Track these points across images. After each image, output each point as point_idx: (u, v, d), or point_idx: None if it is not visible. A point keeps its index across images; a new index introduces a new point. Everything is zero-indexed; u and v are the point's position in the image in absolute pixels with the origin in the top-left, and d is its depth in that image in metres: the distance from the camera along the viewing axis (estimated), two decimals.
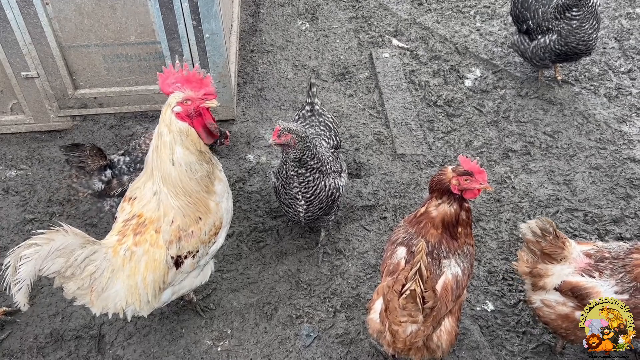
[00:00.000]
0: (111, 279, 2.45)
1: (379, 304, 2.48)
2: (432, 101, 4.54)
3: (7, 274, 2.21)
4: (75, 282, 2.39)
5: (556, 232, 2.61)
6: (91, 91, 4.07)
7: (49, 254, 2.24)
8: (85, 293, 2.44)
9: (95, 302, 2.47)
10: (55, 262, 2.28)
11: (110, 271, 2.45)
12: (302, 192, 3.06)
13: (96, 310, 2.50)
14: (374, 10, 5.48)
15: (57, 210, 3.69)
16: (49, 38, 3.72)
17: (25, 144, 4.13)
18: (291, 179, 3.02)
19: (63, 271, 2.33)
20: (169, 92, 2.51)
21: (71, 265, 2.33)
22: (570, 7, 4.04)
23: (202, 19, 3.74)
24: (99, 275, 2.42)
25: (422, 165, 4.04)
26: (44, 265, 2.25)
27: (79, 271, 2.36)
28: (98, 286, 2.44)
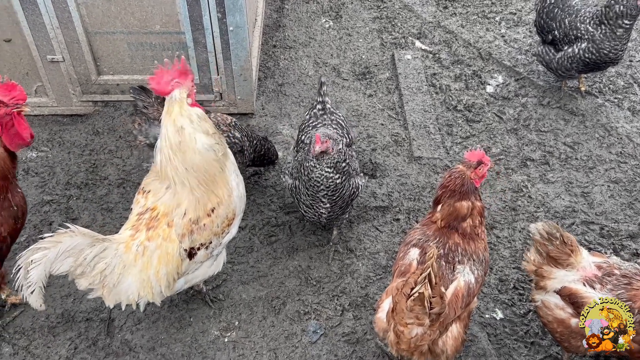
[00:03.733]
0: (122, 274, 2.48)
1: (387, 303, 2.48)
2: (452, 105, 4.52)
3: (19, 276, 2.27)
4: (86, 279, 2.43)
5: (563, 238, 2.62)
6: (114, 78, 4.12)
7: (57, 256, 2.28)
8: (97, 288, 2.48)
9: (107, 296, 2.51)
10: (65, 262, 2.33)
11: (122, 267, 2.48)
12: (329, 195, 3.07)
13: (109, 302, 2.54)
14: (399, 12, 5.45)
15: (75, 194, 3.75)
16: (76, 23, 3.77)
17: (47, 126, 4.20)
18: (317, 182, 3.02)
19: (72, 270, 2.37)
20: (168, 91, 2.49)
21: (80, 264, 2.37)
22: (624, 16, 3.95)
23: (227, 11, 3.76)
24: (110, 272, 2.45)
25: (439, 169, 4.02)
26: (54, 267, 2.30)
27: (89, 269, 2.40)
28: (109, 282, 2.47)
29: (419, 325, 2.26)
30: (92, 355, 2.97)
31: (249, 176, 3.91)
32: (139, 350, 3.00)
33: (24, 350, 2.98)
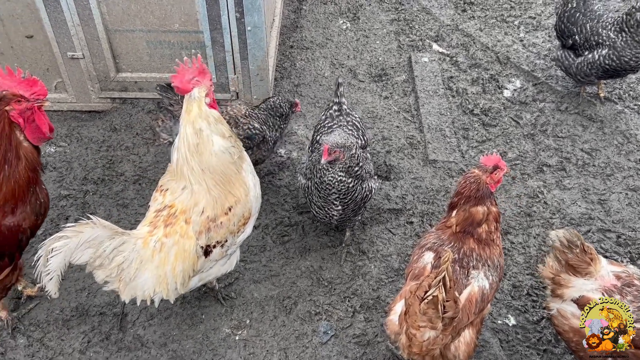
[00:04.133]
0: (139, 269, 2.51)
1: (400, 306, 2.47)
2: (469, 109, 4.49)
3: (39, 264, 2.30)
4: (103, 271, 2.46)
5: (584, 247, 2.58)
6: (132, 75, 4.16)
7: (78, 246, 2.31)
8: (113, 281, 2.51)
9: (123, 290, 2.53)
10: (85, 253, 2.36)
11: (139, 262, 2.50)
12: (340, 198, 3.07)
13: (125, 297, 2.56)
14: (417, 14, 5.44)
15: (91, 189, 3.79)
16: (96, 20, 3.82)
17: (65, 122, 4.25)
18: (329, 185, 3.02)
19: (92, 261, 2.40)
20: (189, 89, 2.54)
21: (99, 255, 2.39)
22: None
23: (245, 11, 3.78)
24: (127, 266, 2.48)
25: (454, 173, 4.00)
26: (74, 257, 2.33)
27: (107, 261, 2.43)
28: (126, 276, 2.50)
29: (431, 329, 2.25)
30: (104, 349, 3.00)
31: (263, 176, 3.92)
32: (150, 346, 3.02)
33: (38, 343, 3.02)
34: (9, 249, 2.65)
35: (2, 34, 3.87)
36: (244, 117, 3.43)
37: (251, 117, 3.47)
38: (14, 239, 2.62)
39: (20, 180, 2.54)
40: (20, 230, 2.62)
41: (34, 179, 2.62)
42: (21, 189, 2.55)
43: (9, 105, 2.45)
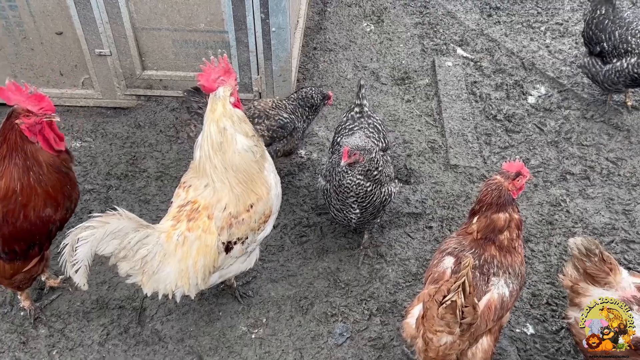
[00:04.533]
0: (162, 262, 2.54)
1: (418, 309, 2.46)
2: (492, 115, 4.45)
3: (65, 252, 2.34)
4: (127, 263, 2.50)
5: (602, 256, 2.54)
6: (157, 73, 4.22)
7: (104, 236, 2.35)
8: (137, 274, 2.55)
9: (146, 283, 2.57)
10: (110, 244, 2.39)
11: (162, 255, 2.54)
12: (358, 202, 3.07)
13: (147, 290, 2.60)
14: (442, 18, 5.41)
15: (114, 184, 3.85)
16: (124, 19, 3.88)
17: (91, 117, 4.33)
18: (347, 188, 3.03)
19: (116, 253, 2.44)
20: (214, 88, 2.58)
21: (124, 247, 2.43)
22: None
23: (270, 12, 3.81)
24: (151, 258, 2.52)
25: (475, 178, 3.96)
26: (99, 247, 2.37)
27: (131, 253, 2.47)
28: (149, 269, 2.53)
29: (448, 334, 2.24)
30: (123, 342, 3.05)
31: (283, 176, 3.94)
32: (168, 341, 3.06)
33: (59, 333, 3.07)
34: (40, 238, 2.73)
35: (33, 30, 3.96)
36: (272, 109, 3.50)
37: (279, 108, 3.53)
38: (45, 228, 2.71)
39: (50, 182, 2.65)
40: (51, 221, 2.71)
41: (64, 179, 2.72)
42: (56, 189, 2.67)
43: (18, 119, 2.54)
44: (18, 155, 2.57)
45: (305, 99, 3.61)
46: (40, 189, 2.63)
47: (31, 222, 2.64)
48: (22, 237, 2.66)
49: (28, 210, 2.62)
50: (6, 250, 2.66)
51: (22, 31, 3.97)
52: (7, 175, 2.57)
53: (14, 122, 2.55)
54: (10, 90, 2.56)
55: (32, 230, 2.67)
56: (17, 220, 2.61)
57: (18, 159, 2.57)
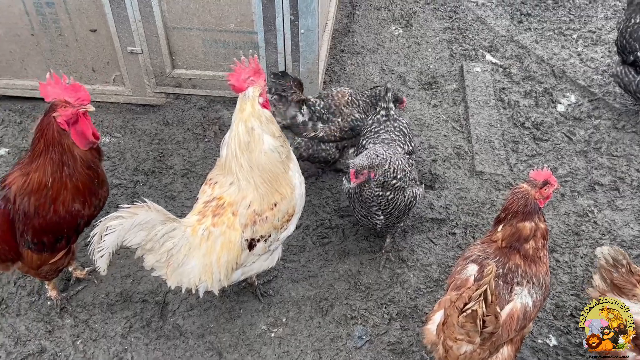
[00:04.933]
0: (187, 256, 2.58)
1: (439, 316, 2.44)
2: (520, 122, 4.40)
3: (93, 241, 2.39)
4: (153, 255, 2.54)
5: (630, 267, 2.49)
6: (187, 72, 4.28)
7: (132, 226, 2.40)
8: (162, 266, 2.59)
9: (170, 276, 2.61)
10: (137, 235, 2.44)
11: (187, 249, 2.57)
12: (382, 209, 3.07)
13: (171, 283, 2.64)
14: (471, 23, 5.37)
15: (141, 180, 3.92)
16: (156, 17, 3.95)
17: (121, 114, 4.41)
18: (368, 198, 3.02)
19: (143, 244, 2.48)
20: (244, 88, 2.61)
21: (151, 239, 2.48)
22: None
23: (299, 14, 3.83)
24: (176, 252, 2.56)
25: (501, 186, 3.92)
26: (127, 237, 2.41)
27: (157, 245, 2.51)
28: (174, 262, 2.57)
29: (469, 343, 2.22)
30: (145, 335, 3.10)
31: (306, 177, 3.94)
32: (188, 336, 3.10)
33: (84, 324, 3.14)
34: (68, 232, 2.80)
35: (69, 27, 4.06)
36: (346, 106, 3.58)
37: (353, 106, 3.60)
38: (73, 222, 2.78)
39: (83, 178, 2.72)
40: (80, 215, 2.78)
41: (94, 175, 2.78)
42: (85, 186, 2.74)
43: (55, 112, 2.60)
44: (55, 150, 2.63)
45: (378, 98, 3.58)
46: (70, 184, 2.69)
47: (60, 215, 2.71)
48: (51, 230, 2.73)
49: (57, 205, 2.69)
50: (35, 241, 2.74)
51: (58, 28, 4.07)
52: (40, 169, 2.64)
53: (51, 115, 2.61)
54: (49, 84, 2.63)
55: (61, 223, 2.74)
56: (47, 214, 2.68)
57: (54, 153, 2.63)
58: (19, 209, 2.67)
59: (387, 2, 5.64)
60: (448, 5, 5.60)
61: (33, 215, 2.67)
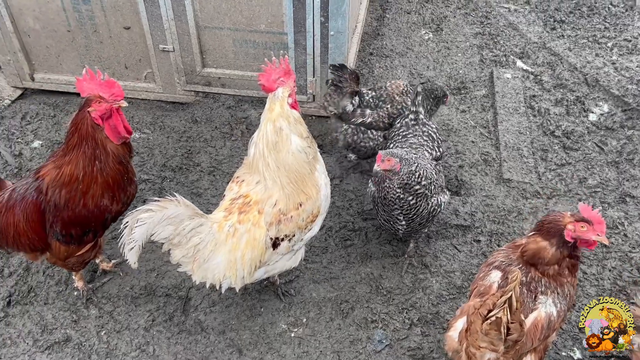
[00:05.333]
0: (213, 251, 2.60)
1: (462, 322, 2.41)
2: (550, 130, 4.32)
3: (124, 233, 2.43)
4: (180, 250, 2.57)
5: None
6: (216, 71, 4.33)
7: (161, 220, 2.43)
8: (188, 262, 2.62)
9: (196, 271, 2.64)
10: (166, 229, 2.47)
11: (214, 244, 2.60)
12: (404, 214, 3.05)
13: (196, 278, 2.67)
14: (503, 29, 5.31)
15: (169, 176, 3.98)
16: (189, 16, 4.01)
17: (151, 110, 4.49)
18: (392, 201, 3.01)
19: (171, 238, 2.51)
20: (274, 88, 2.64)
21: (179, 234, 2.51)
22: None
23: (330, 16, 3.84)
24: (203, 247, 2.58)
25: (528, 194, 3.86)
26: (156, 230, 2.44)
27: (185, 240, 2.54)
28: (200, 257, 2.60)
29: (492, 351, 2.19)
30: (167, 329, 3.14)
31: (331, 179, 3.95)
32: (210, 332, 3.13)
33: (108, 315, 3.20)
34: (95, 226, 2.86)
35: (104, 24, 4.15)
36: (399, 95, 3.60)
37: (406, 95, 3.63)
38: (101, 217, 2.83)
39: (113, 172, 2.78)
40: (108, 210, 2.84)
41: (124, 170, 2.84)
42: (115, 181, 2.79)
43: (90, 107, 2.66)
44: (88, 144, 2.69)
45: (431, 91, 3.59)
46: (101, 178, 2.74)
47: (89, 209, 2.77)
48: (79, 223, 2.79)
49: (87, 198, 2.74)
50: (63, 233, 2.80)
51: (93, 24, 4.17)
52: (73, 163, 2.70)
53: (86, 110, 2.67)
54: (85, 79, 2.69)
55: (89, 217, 2.79)
56: (76, 207, 2.74)
57: (87, 147, 2.69)
58: (50, 201, 2.73)
59: (417, 6, 5.62)
60: (480, 11, 5.55)
61: (63, 207, 2.74)
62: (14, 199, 2.76)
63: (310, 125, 4.24)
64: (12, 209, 2.76)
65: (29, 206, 2.75)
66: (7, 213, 2.76)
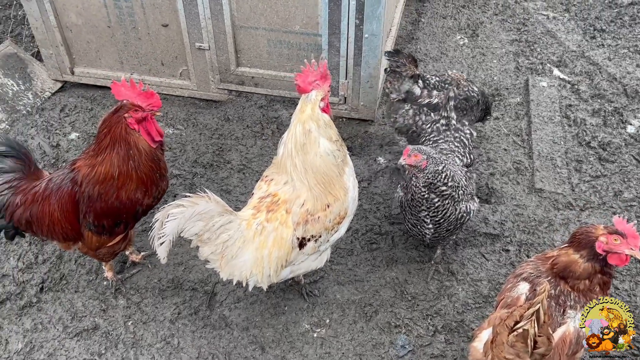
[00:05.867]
0: (241, 248, 2.63)
1: (487, 333, 2.38)
2: (585, 141, 4.23)
3: (154, 227, 2.48)
4: (209, 246, 2.61)
5: None
6: (250, 70, 4.37)
7: (192, 216, 2.46)
8: (216, 258, 2.65)
9: (223, 268, 2.67)
10: (196, 224, 2.51)
11: (242, 241, 2.63)
12: (430, 216, 3.03)
13: (223, 275, 2.70)
14: (540, 36, 5.21)
15: (200, 172, 4.04)
16: (225, 16, 4.06)
17: (185, 107, 4.56)
18: (418, 202, 3.00)
19: (201, 234, 2.55)
20: (308, 90, 2.67)
21: (208, 230, 2.54)
22: None
23: (365, 18, 3.84)
24: (231, 244, 2.61)
25: (560, 205, 3.78)
26: (186, 226, 2.48)
27: (214, 236, 2.57)
28: (228, 254, 2.63)
29: None
30: (192, 323, 3.18)
31: (360, 181, 3.94)
32: (233, 328, 3.16)
33: (136, 306, 3.26)
34: (127, 218, 2.93)
35: (143, 20, 4.24)
36: (465, 81, 3.60)
37: (472, 82, 3.65)
38: (133, 209, 2.90)
39: (146, 170, 2.85)
40: (139, 203, 2.90)
41: (156, 167, 2.91)
42: (148, 177, 2.87)
43: (127, 113, 2.75)
44: (120, 146, 2.77)
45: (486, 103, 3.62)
46: (135, 175, 2.82)
47: (121, 202, 2.84)
48: (112, 214, 2.86)
49: (121, 193, 2.82)
50: (96, 223, 2.87)
51: (133, 21, 4.26)
52: (107, 163, 2.78)
53: (122, 115, 2.75)
54: (123, 85, 2.78)
55: (121, 209, 2.86)
56: (109, 199, 2.81)
57: (120, 148, 2.77)
58: (84, 192, 2.81)
59: (454, 11, 5.56)
60: (517, 17, 5.47)
61: (96, 199, 2.81)
62: (50, 189, 2.85)
63: (340, 127, 4.25)
64: (48, 198, 2.84)
65: (64, 196, 2.83)
66: (44, 202, 2.84)
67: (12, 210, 2.84)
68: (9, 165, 2.86)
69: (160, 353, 3.05)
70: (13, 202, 2.84)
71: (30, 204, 2.84)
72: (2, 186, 2.84)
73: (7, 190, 2.84)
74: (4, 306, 3.25)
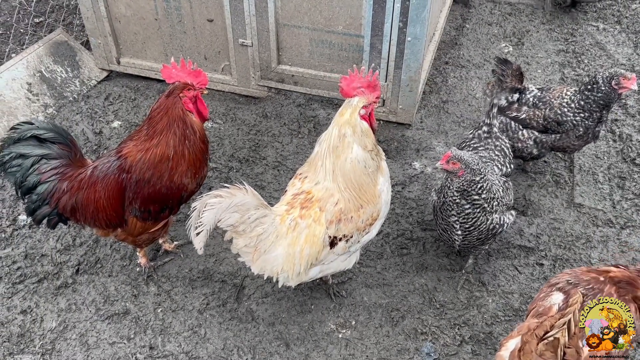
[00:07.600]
0: (274, 243, 2.65)
1: (514, 342, 2.33)
2: (630, 157, 4.09)
3: (192, 216, 2.51)
4: (243, 239, 2.64)
5: None
6: (290, 69, 4.40)
7: (229, 207, 2.49)
8: (249, 251, 2.67)
9: (255, 262, 2.69)
10: (232, 216, 2.53)
11: (275, 236, 2.65)
12: (460, 222, 2.99)
13: (255, 269, 2.72)
14: (588, 48, 5.08)
15: (235, 166, 4.09)
16: (269, 13, 4.10)
17: (225, 102, 4.63)
18: (449, 205, 2.96)
19: (236, 226, 2.58)
20: (351, 95, 2.67)
21: (244, 222, 2.57)
22: None
23: (409, 22, 3.81)
24: (265, 237, 2.63)
25: (600, 222, 3.67)
26: (223, 217, 2.51)
27: (249, 229, 2.60)
28: (261, 247, 2.65)
29: None
30: (219, 314, 3.22)
31: (393, 185, 3.92)
32: (260, 322, 3.18)
33: (166, 294, 3.33)
34: (172, 203, 2.99)
35: (189, 15, 4.32)
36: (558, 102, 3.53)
37: (567, 107, 3.49)
38: (178, 194, 2.97)
39: (197, 150, 2.94)
40: (184, 189, 2.97)
41: (205, 149, 3.01)
42: (197, 158, 2.96)
43: (181, 93, 2.85)
44: (178, 126, 2.85)
45: (597, 90, 3.39)
46: (188, 155, 2.90)
47: (169, 186, 2.90)
48: (159, 199, 2.92)
49: (172, 174, 2.89)
50: (142, 209, 2.93)
51: (179, 15, 4.35)
52: (162, 144, 2.85)
53: (177, 95, 2.85)
54: (174, 67, 2.88)
55: (168, 194, 2.93)
56: (158, 184, 2.88)
57: (177, 128, 2.85)
58: (131, 178, 2.87)
59: (499, 18, 5.48)
60: (565, 27, 5.34)
61: (144, 184, 2.87)
62: (96, 176, 2.91)
63: (377, 130, 4.23)
64: (94, 185, 2.90)
65: (110, 183, 2.89)
66: (89, 189, 2.91)
67: (58, 197, 2.90)
68: (56, 152, 2.92)
69: (187, 342, 3.10)
70: (60, 189, 2.89)
71: (76, 190, 2.90)
72: (49, 172, 2.89)
73: (54, 177, 2.89)
74: (41, 285, 3.36)
